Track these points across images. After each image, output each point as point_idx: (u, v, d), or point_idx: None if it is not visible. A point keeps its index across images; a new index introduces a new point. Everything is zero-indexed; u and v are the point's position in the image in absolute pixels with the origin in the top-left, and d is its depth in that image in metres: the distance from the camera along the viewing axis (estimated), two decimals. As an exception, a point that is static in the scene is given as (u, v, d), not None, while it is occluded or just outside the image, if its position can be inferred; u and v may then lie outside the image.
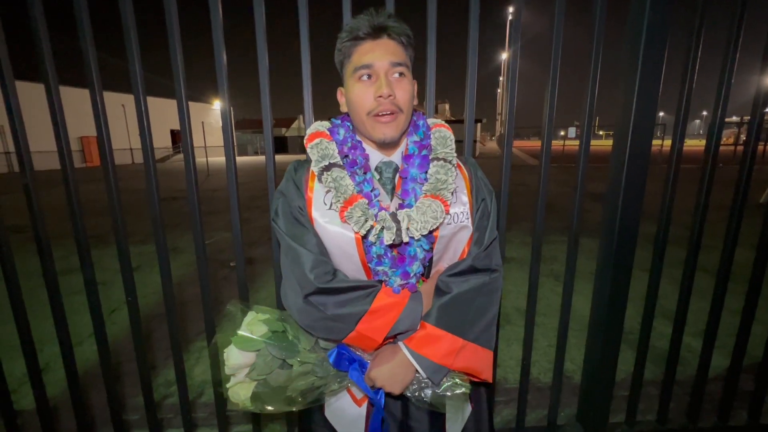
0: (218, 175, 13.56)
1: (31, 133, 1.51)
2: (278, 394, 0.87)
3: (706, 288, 1.66)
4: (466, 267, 0.89)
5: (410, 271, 0.88)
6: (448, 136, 0.95)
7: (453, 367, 0.86)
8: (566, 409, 1.90)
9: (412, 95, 0.89)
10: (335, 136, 0.92)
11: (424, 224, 0.84)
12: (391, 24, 0.85)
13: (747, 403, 1.77)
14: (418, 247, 0.88)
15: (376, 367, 0.87)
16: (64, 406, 1.82)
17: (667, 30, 1.25)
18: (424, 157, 0.91)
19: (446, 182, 0.88)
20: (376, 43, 0.85)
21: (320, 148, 0.89)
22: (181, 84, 1.23)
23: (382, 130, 0.86)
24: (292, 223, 0.89)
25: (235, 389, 0.90)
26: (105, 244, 4.73)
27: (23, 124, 1.23)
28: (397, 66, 0.85)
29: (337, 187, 0.85)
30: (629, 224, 1.40)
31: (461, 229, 0.91)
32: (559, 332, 1.59)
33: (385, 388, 0.86)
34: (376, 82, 0.84)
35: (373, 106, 0.85)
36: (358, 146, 0.91)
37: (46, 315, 1.39)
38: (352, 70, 0.86)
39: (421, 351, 0.85)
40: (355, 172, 0.88)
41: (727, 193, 1.48)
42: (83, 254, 1.35)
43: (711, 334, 1.58)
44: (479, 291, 0.89)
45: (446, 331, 0.86)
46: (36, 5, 1.14)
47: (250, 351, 0.88)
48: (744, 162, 1.43)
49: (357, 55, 0.86)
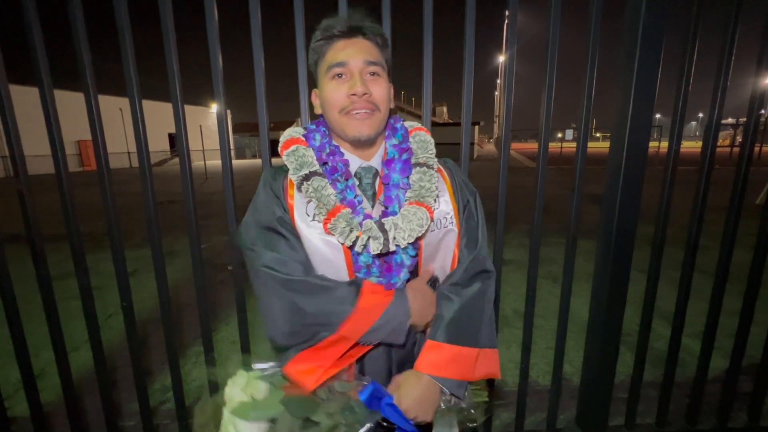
0: (216, 179, 13.54)
1: (30, 137, 1.50)
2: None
3: (704, 289, 1.66)
4: (465, 274, 0.89)
5: (397, 281, 0.87)
6: (428, 140, 0.92)
7: (473, 378, 0.86)
8: (565, 412, 1.90)
9: (389, 95, 0.87)
10: (311, 142, 0.88)
11: (410, 232, 0.81)
12: (367, 24, 0.84)
13: (746, 405, 1.76)
14: (404, 254, 0.86)
15: (405, 398, 0.81)
16: (60, 412, 1.80)
17: (663, 32, 1.26)
18: (405, 162, 0.88)
19: (430, 189, 0.86)
20: (350, 41, 0.83)
21: (297, 156, 0.85)
22: (177, 88, 1.22)
23: (357, 128, 0.83)
24: (265, 232, 0.84)
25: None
26: (102, 248, 4.70)
27: (17, 129, 1.22)
28: (371, 65, 0.82)
29: (319, 198, 0.81)
30: (627, 226, 1.40)
31: (447, 233, 0.90)
32: (557, 335, 1.59)
33: (417, 418, 0.82)
34: (350, 80, 0.81)
35: (345, 104, 0.82)
36: (336, 152, 0.87)
37: (42, 320, 1.38)
38: (325, 69, 0.84)
39: (443, 373, 0.83)
40: (337, 179, 0.84)
41: (724, 194, 1.49)
42: (78, 260, 1.34)
43: (710, 336, 1.58)
44: (481, 297, 0.89)
45: (462, 346, 0.85)
46: (30, 9, 1.14)
47: (261, 420, 0.76)
48: (741, 163, 1.43)
49: (331, 53, 0.83)
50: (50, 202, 1.31)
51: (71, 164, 21.65)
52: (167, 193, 9.96)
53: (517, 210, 6.07)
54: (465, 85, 1.32)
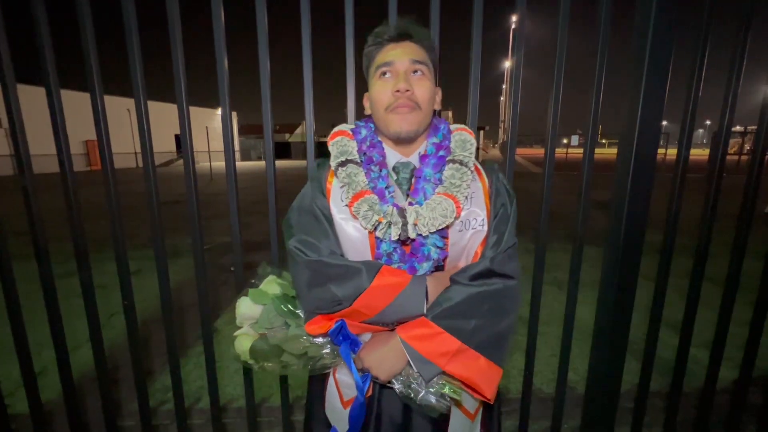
0: (221, 180, 13.61)
1: (37, 136, 1.50)
2: (274, 354, 0.91)
3: (712, 298, 1.63)
4: (481, 269, 0.85)
5: (419, 269, 0.87)
6: (468, 139, 0.93)
7: (446, 368, 0.81)
8: (570, 421, 1.87)
9: (432, 96, 0.90)
10: (357, 136, 0.94)
11: (432, 221, 0.82)
12: (415, 29, 0.88)
13: (756, 417, 1.73)
14: (432, 245, 0.86)
15: (367, 348, 0.85)
16: (60, 410, 1.80)
17: (672, 37, 1.24)
18: (440, 158, 0.90)
19: (460, 185, 0.86)
20: (398, 44, 0.87)
21: (340, 145, 0.91)
22: (182, 89, 1.22)
23: (399, 124, 0.86)
24: (305, 216, 0.91)
25: (239, 339, 0.95)
26: (108, 247, 4.73)
27: (23, 127, 1.23)
28: (417, 63, 0.86)
29: (349, 183, 0.86)
30: (635, 233, 1.38)
31: (475, 234, 0.89)
32: (562, 341, 1.57)
33: (371, 370, 0.84)
34: (395, 78, 0.86)
35: (390, 101, 0.86)
36: (377, 145, 0.92)
37: (45, 318, 1.38)
38: (374, 69, 0.89)
39: (414, 344, 0.82)
40: (371, 169, 0.89)
41: (731, 202, 1.46)
42: (81, 258, 1.34)
43: (719, 346, 1.55)
44: (491, 296, 0.84)
45: (444, 330, 0.81)
46: (39, 7, 1.15)
47: (258, 304, 0.94)
48: (751, 171, 1.41)
49: (380, 56, 0.88)
50: (59, 200, 1.32)
51: (79, 164, 21.97)
52: (173, 193, 10.03)
53: (522, 215, 5.97)
54: (471, 90, 1.31)
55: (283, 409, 1.54)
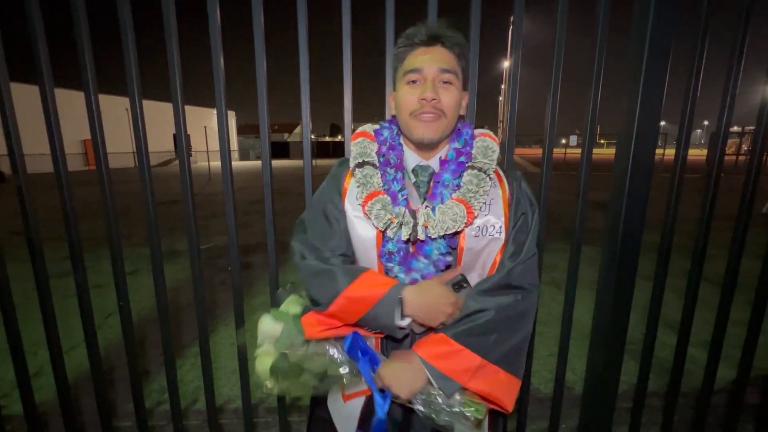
0: (219, 180, 13.58)
1: (35, 136, 1.49)
2: (295, 373, 0.90)
3: (709, 298, 1.63)
4: (498, 282, 0.86)
5: (416, 267, 0.87)
6: (491, 146, 0.93)
7: (468, 386, 0.82)
8: (567, 421, 1.87)
9: (458, 103, 0.90)
10: (379, 137, 0.95)
11: (442, 224, 0.83)
12: (447, 33, 0.87)
13: (753, 417, 1.73)
14: (435, 248, 0.87)
15: (387, 366, 0.85)
16: (56, 411, 1.79)
17: (671, 37, 1.24)
18: (460, 164, 0.90)
19: (477, 192, 0.86)
20: (428, 49, 0.87)
21: (360, 147, 0.93)
22: (177, 89, 1.21)
23: (422, 130, 0.87)
24: (317, 215, 0.94)
25: (260, 358, 0.95)
26: (105, 247, 4.72)
27: (17, 126, 1.22)
28: (445, 72, 0.86)
29: (365, 183, 0.88)
30: (632, 233, 1.38)
31: (492, 241, 0.88)
32: (560, 341, 1.56)
33: (391, 388, 0.83)
34: (423, 85, 0.86)
35: (416, 107, 0.86)
36: (396, 147, 0.93)
37: (41, 318, 1.37)
38: (402, 73, 0.89)
39: (435, 363, 0.82)
40: (387, 171, 0.89)
41: (729, 203, 1.46)
42: (75, 258, 1.33)
43: (717, 346, 1.55)
44: (509, 309, 0.85)
45: (464, 347, 0.82)
46: (33, 6, 1.14)
47: (279, 322, 0.95)
48: (750, 171, 1.41)
49: (409, 59, 0.88)
50: (55, 200, 1.31)
51: (77, 163, 21.88)
52: (170, 193, 10.00)
53: (520, 215, 6.01)
54: (469, 90, 1.31)
55: (280, 410, 1.53)
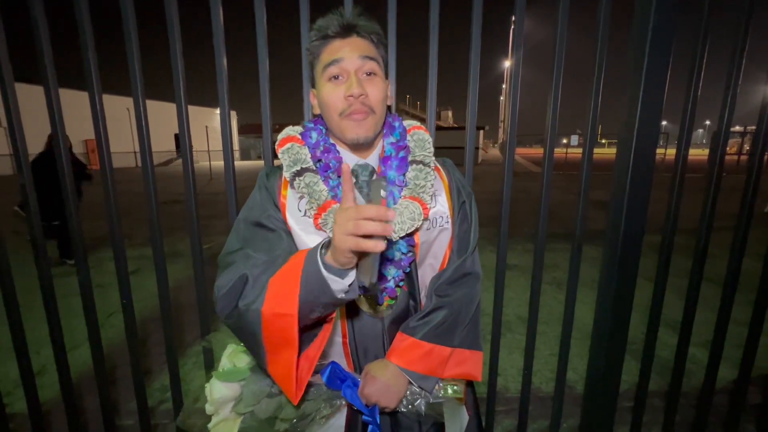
0: (220, 179, 13.60)
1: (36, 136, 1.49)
2: (266, 428, 0.80)
3: (711, 298, 1.63)
4: (452, 277, 0.90)
5: (387, 275, 0.86)
6: (426, 138, 0.92)
7: (444, 376, 0.88)
8: (569, 420, 1.87)
9: (385, 95, 0.86)
10: (308, 140, 0.89)
11: (401, 225, 0.81)
12: (361, 22, 0.83)
13: (755, 417, 1.73)
14: (397, 250, 0.86)
15: (369, 382, 0.84)
16: (59, 410, 1.80)
17: (672, 37, 1.24)
18: (402, 159, 0.88)
19: (425, 186, 0.86)
20: (345, 41, 0.82)
21: (291, 153, 0.85)
22: (180, 88, 1.22)
23: (355, 131, 0.82)
24: (252, 230, 0.82)
25: (218, 429, 0.83)
26: (108, 246, 4.74)
27: (21, 125, 1.23)
28: (367, 60, 0.81)
29: (310, 193, 0.82)
30: (634, 232, 1.38)
31: (441, 232, 0.90)
32: (561, 341, 1.57)
33: (380, 403, 0.84)
34: (347, 81, 0.81)
35: (344, 107, 0.81)
36: (331, 149, 0.87)
37: (45, 317, 1.38)
38: (321, 69, 0.83)
39: (413, 367, 0.85)
40: (329, 176, 0.85)
41: (730, 202, 1.46)
42: (79, 257, 1.33)
43: (718, 345, 1.55)
44: (465, 298, 0.90)
45: (435, 344, 0.86)
46: (36, 6, 1.14)
47: (234, 382, 0.84)
48: (751, 171, 1.41)
49: (326, 53, 0.83)
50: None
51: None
52: (172, 192, 10.02)
53: (521, 215, 6.04)
54: (470, 90, 1.31)
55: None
